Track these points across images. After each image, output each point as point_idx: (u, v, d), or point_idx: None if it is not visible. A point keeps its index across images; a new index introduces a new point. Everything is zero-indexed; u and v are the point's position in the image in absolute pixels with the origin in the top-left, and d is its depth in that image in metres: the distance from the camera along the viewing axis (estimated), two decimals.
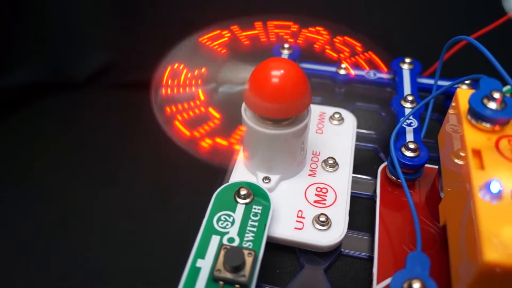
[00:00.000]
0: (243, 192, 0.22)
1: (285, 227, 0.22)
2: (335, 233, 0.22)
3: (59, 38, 0.41)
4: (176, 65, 0.26)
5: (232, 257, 0.18)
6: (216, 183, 0.23)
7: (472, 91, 0.19)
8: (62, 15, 0.41)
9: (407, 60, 0.29)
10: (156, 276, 0.24)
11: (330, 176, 0.25)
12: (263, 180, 0.24)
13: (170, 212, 0.28)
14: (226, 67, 0.25)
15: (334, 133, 0.27)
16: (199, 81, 0.25)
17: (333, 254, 0.22)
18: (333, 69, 0.30)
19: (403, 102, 0.26)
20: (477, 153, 0.17)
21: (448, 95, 0.29)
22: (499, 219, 0.15)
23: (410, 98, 0.26)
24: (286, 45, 0.30)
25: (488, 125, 0.18)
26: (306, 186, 0.24)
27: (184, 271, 0.19)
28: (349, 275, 0.22)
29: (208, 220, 0.21)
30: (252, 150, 0.24)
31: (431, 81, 0.29)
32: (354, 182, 0.26)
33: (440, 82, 0.27)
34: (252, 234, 0.20)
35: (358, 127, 0.28)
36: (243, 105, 0.23)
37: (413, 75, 0.28)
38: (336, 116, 0.28)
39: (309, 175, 0.25)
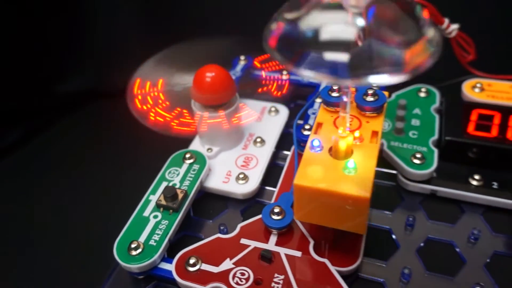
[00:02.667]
0: (188, 155, 0.32)
1: (217, 181, 0.32)
2: (250, 186, 0.31)
3: (106, 53, 0.52)
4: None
5: (168, 191, 0.29)
6: None
7: None
8: (108, 32, 0.52)
9: None
10: None
11: (257, 150, 0.34)
12: (207, 150, 0.34)
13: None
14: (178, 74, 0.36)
15: (269, 121, 0.37)
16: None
17: (250, 201, 0.32)
18: (277, 75, 0.40)
19: (316, 99, 0.35)
20: (320, 125, 0.26)
21: None
22: (312, 161, 0.24)
23: None
24: (242, 57, 0.41)
25: (332, 108, 0.27)
26: (238, 156, 0.34)
27: (139, 202, 0.29)
28: (258, 214, 0.31)
29: (162, 173, 0.31)
30: (200, 130, 0.34)
31: None
32: (282, 157, 0.35)
33: None
34: (189, 182, 0.31)
35: (295, 118, 0.38)
36: (192, 100, 0.33)
37: None
38: (273, 109, 0.37)
39: (242, 148, 0.34)
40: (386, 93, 0.28)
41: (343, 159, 0.24)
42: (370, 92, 0.26)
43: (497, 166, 0.31)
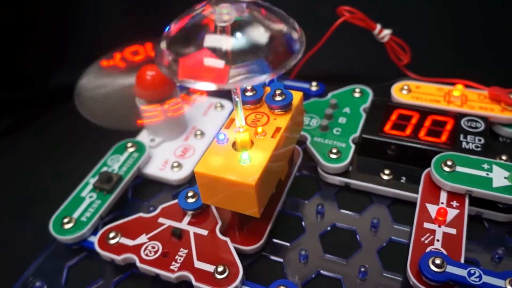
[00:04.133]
0: (129, 144, 0.36)
1: (154, 168, 0.36)
2: (182, 174, 0.35)
3: (93, 49, 0.56)
4: None
5: (103, 175, 0.32)
6: None
7: None
8: (96, 31, 0.56)
9: None
10: None
11: (196, 141, 0.38)
12: (150, 140, 0.37)
13: None
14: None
15: (213, 116, 0.40)
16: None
17: (183, 186, 0.35)
18: None
19: None
20: (232, 120, 0.30)
21: None
22: (216, 152, 0.27)
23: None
24: None
25: (246, 106, 0.30)
26: (178, 146, 0.37)
27: (79, 184, 0.33)
28: None
29: (105, 160, 0.35)
30: (146, 122, 0.38)
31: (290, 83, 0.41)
32: None
33: (289, 83, 0.39)
34: (126, 168, 0.34)
35: None
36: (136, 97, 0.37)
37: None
38: (218, 105, 0.41)
39: (184, 140, 0.38)
40: (299, 93, 0.31)
41: (242, 151, 0.27)
42: (278, 92, 0.30)
43: (408, 162, 0.34)
